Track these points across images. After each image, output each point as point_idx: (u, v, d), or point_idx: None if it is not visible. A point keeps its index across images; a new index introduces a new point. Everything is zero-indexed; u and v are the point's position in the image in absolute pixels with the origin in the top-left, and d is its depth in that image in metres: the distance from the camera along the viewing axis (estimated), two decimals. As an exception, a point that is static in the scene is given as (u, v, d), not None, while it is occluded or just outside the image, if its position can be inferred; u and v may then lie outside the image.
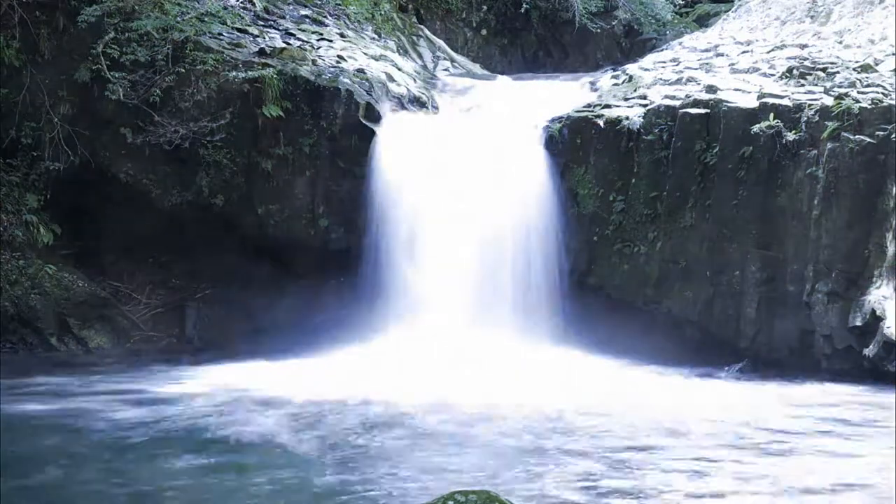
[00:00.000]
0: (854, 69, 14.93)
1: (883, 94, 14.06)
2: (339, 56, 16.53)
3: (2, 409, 11.36)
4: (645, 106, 15.26)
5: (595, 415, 11.53)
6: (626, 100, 15.78)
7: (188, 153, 15.30)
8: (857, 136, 13.68)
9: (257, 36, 16.44)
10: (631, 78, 16.67)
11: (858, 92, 14.18)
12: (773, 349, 14.24)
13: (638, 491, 8.80)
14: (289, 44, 16.43)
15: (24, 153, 15.32)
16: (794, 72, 15.19)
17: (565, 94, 16.92)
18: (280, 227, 15.59)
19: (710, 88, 15.04)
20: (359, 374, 13.52)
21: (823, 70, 15.10)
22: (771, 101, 14.42)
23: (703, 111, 14.68)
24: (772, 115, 14.25)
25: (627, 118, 15.13)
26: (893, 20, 15.99)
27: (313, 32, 17.29)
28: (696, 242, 14.62)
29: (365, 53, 17.14)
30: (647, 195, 14.91)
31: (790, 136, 14.08)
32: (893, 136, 13.54)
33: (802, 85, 14.85)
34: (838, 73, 14.93)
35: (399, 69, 17.18)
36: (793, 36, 17.04)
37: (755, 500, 8.64)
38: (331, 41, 17.12)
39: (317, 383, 12.97)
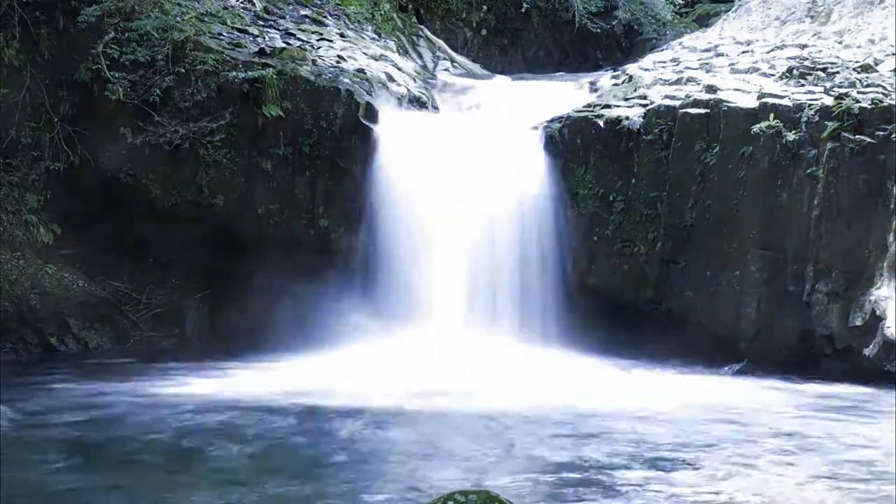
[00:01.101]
0: (854, 69, 14.94)
1: (883, 94, 14.06)
2: (339, 56, 16.53)
3: (2, 409, 11.36)
4: (645, 106, 15.26)
5: (594, 416, 11.52)
6: (626, 100, 15.79)
7: (188, 153, 15.30)
8: (857, 136, 13.69)
9: (257, 36, 16.44)
10: (631, 78, 16.67)
11: (858, 92, 14.19)
12: (773, 349, 14.24)
13: (638, 491, 8.80)
14: (289, 44, 16.43)
15: (24, 153, 15.32)
16: (794, 72, 15.20)
17: (565, 95, 16.93)
18: (280, 227, 15.59)
19: (710, 88, 15.04)
20: (359, 373, 13.53)
21: (823, 70, 15.10)
22: (771, 101, 14.43)
23: (703, 111, 14.69)
24: (772, 115, 14.26)
25: (627, 118, 15.13)
26: (893, 20, 15.99)
27: (313, 32, 17.30)
28: (696, 242, 14.63)
29: (365, 53, 17.14)
30: (647, 195, 14.91)
31: (790, 136, 14.09)
32: (893, 136, 13.55)
33: (802, 85, 14.86)
34: (838, 73, 14.93)
35: (399, 69, 17.18)
36: (793, 36, 17.03)
37: (754, 500, 8.64)
38: (331, 41, 17.12)
39: (317, 383, 12.96)
